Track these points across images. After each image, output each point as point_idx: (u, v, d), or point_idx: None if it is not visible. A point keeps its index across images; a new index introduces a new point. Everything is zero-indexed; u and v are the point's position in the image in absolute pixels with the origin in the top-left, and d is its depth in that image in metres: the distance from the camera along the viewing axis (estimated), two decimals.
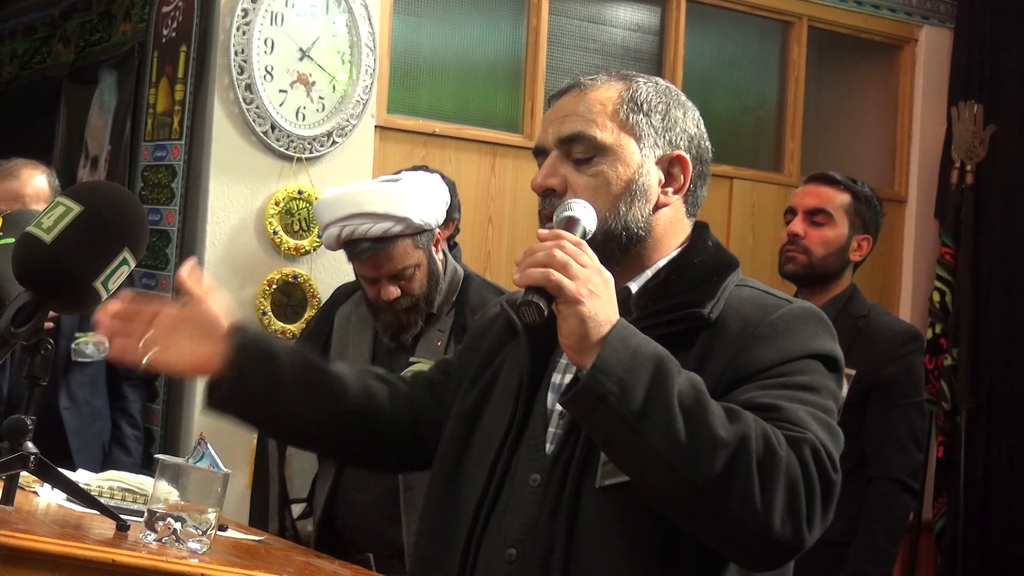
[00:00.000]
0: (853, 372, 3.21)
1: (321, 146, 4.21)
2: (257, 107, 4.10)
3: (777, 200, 5.14)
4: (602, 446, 1.64)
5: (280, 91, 4.14)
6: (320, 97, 4.20)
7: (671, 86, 1.87)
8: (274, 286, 4.13)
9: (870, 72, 5.73)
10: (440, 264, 3.12)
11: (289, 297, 4.16)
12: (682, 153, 1.81)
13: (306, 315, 4.11)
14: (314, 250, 4.17)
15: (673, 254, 1.82)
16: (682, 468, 1.55)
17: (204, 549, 1.73)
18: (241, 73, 4.08)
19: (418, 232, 3.02)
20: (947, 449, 5.27)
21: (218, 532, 1.82)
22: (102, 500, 1.91)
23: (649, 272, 1.81)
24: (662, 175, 1.81)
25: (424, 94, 4.76)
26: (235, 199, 4.11)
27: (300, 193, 4.15)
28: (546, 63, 4.86)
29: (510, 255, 4.71)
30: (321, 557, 2.17)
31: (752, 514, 1.54)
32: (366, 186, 3.14)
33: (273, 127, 4.12)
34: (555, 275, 1.60)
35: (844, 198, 3.35)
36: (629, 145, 1.78)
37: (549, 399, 1.79)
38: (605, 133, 1.78)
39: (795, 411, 1.62)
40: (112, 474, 2.34)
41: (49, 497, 2.01)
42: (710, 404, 1.58)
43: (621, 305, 1.68)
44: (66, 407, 3.81)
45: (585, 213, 1.73)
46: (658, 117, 1.81)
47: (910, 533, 4.94)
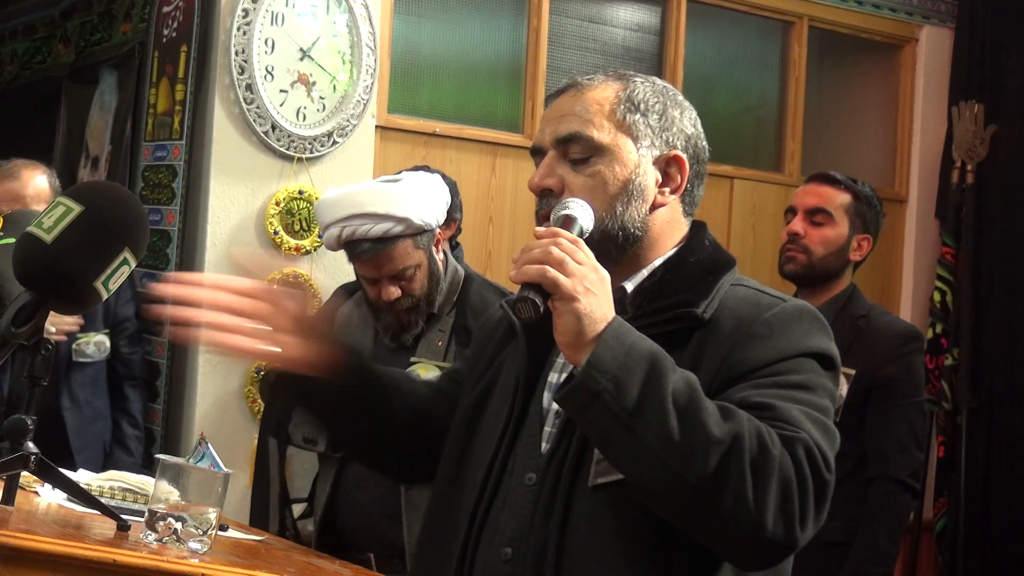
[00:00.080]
0: (853, 372, 3.21)
1: (322, 146, 4.21)
2: (258, 107, 4.10)
3: (778, 200, 5.14)
4: (597, 444, 1.65)
5: (281, 91, 4.14)
6: (321, 97, 4.19)
7: (668, 86, 1.86)
8: (275, 286, 4.13)
9: (871, 72, 5.73)
10: (441, 264, 3.12)
11: None
12: (679, 153, 1.81)
13: None
14: (315, 250, 4.17)
15: (669, 253, 1.82)
16: (675, 466, 1.55)
17: (205, 549, 1.73)
18: (242, 73, 4.08)
19: (419, 232, 3.02)
20: (948, 449, 5.27)
21: (219, 532, 1.82)
22: (103, 500, 1.91)
23: (645, 271, 1.81)
24: (659, 175, 1.80)
25: (425, 94, 4.76)
26: (236, 199, 4.11)
27: (301, 193, 4.15)
28: (547, 63, 4.86)
29: (511, 255, 4.67)
30: (322, 557, 2.16)
31: (745, 513, 1.54)
32: (367, 186, 3.13)
33: (274, 127, 4.12)
34: (551, 272, 1.60)
35: (844, 198, 3.34)
36: (626, 145, 1.78)
37: (545, 398, 1.79)
38: (602, 133, 1.78)
39: (789, 410, 1.62)
40: (113, 474, 2.34)
41: (50, 497, 2.01)
42: (704, 402, 1.58)
43: (617, 304, 1.68)
44: (67, 407, 3.81)
45: (582, 212, 1.73)
46: (655, 117, 1.80)
47: (911, 533, 4.94)
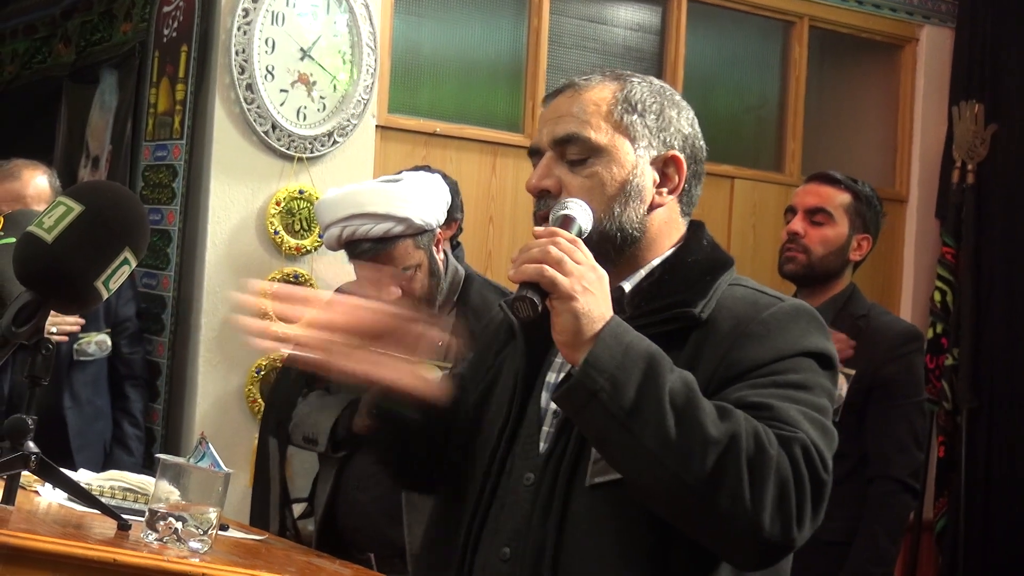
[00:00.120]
0: (853, 372, 3.21)
1: (322, 146, 4.21)
2: (258, 107, 4.10)
3: (778, 200, 5.14)
4: (594, 443, 1.65)
5: (281, 91, 4.14)
6: (321, 97, 4.19)
7: (665, 85, 1.86)
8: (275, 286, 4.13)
9: (871, 72, 5.73)
10: (441, 264, 3.12)
11: None
12: (676, 153, 1.81)
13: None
14: (315, 250, 4.17)
15: (667, 253, 1.82)
16: (672, 465, 1.55)
17: (205, 549, 1.73)
18: (242, 73, 4.08)
19: (419, 232, 3.02)
20: (948, 449, 5.27)
21: (219, 532, 1.82)
22: (103, 500, 1.91)
23: (643, 271, 1.81)
24: (656, 175, 1.80)
25: (425, 94, 4.76)
26: (236, 199, 4.11)
27: (301, 193, 4.15)
28: (547, 63, 4.86)
29: (511, 255, 4.65)
30: (322, 557, 2.17)
31: (742, 512, 1.55)
32: (367, 186, 3.13)
33: (274, 127, 4.12)
34: (549, 271, 1.61)
35: (844, 197, 3.34)
36: (623, 146, 1.78)
37: (544, 398, 1.80)
38: (599, 134, 1.77)
39: (786, 410, 1.62)
40: (113, 474, 2.34)
41: (50, 497, 2.01)
42: (701, 402, 1.58)
43: (615, 304, 1.68)
44: (69, 406, 3.82)
45: (581, 212, 1.73)
46: (652, 117, 1.80)
47: (911, 533, 4.94)
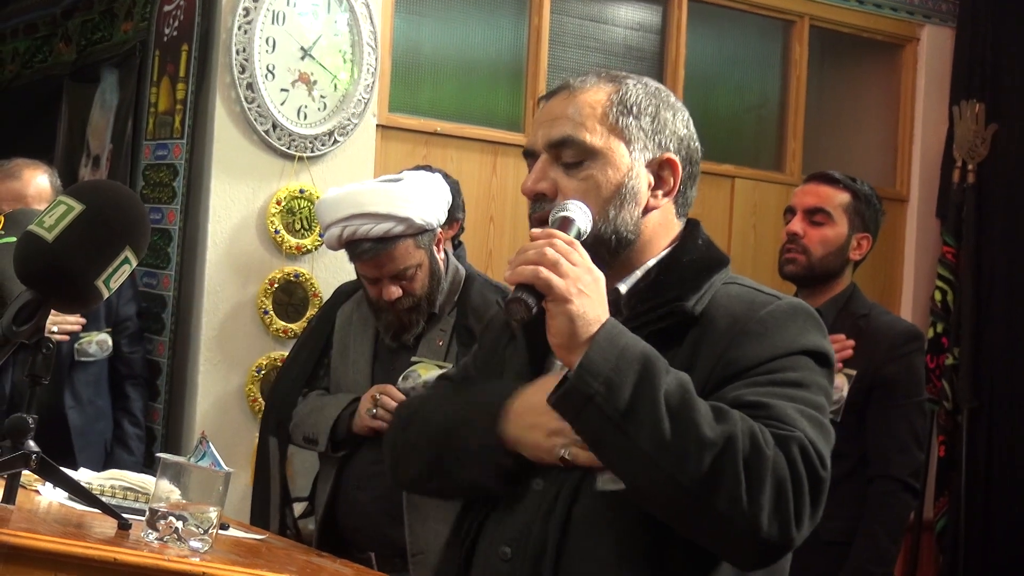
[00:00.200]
0: (854, 372, 3.21)
1: (323, 145, 4.21)
2: (259, 106, 4.10)
3: (779, 199, 5.14)
4: (591, 446, 1.64)
5: (282, 90, 4.14)
6: (322, 96, 4.19)
7: (660, 87, 1.85)
8: (276, 285, 4.13)
9: (872, 71, 5.73)
10: (442, 264, 3.12)
11: (290, 296, 4.16)
12: (672, 156, 1.80)
13: (307, 314, 4.11)
14: (315, 249, 4.17)
15: (662, 254, 1.81)
16: (668, 467, 1.55)
17: (206, 548, 1.73)
18: (243, 72, 4.08)
19: (420, 232, 3.02)
20: (948, 448, 5.27)
21: (220, 531, 1.82)
22: (104, 499, 1.91)
23: (639, 272, 1.80)
24: (651, 178, 1.79)
25: (426, 93, 4.76)
26: (236, 198, 4.11)
27: (302, 192, 4.15)
28: (548, 62, 4.86)
29: (512, 254, 4.68)
30: (323, 556, 2.17)
31: (739, 513, 1.54)
32: (368, 186, 3.13)
33: (275, 126, 4.12)
34: (544, 273, 1.61)
35: (843, 197, 3.33)
36: (619, 149, 1.77)
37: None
38: (595, 137, 1.76)
39: (784, 408, 1.62)
40: (114, 473, 2.34)
41: (51, 496, 2.01)
42: (697, 403, 1.58)
43: (612, 306, 1.68)
44: (71, 406, 3.82)
45: (580, 214, 1.73)
46: (647, 119, 1.79)
47: (911, 532, 4.94)
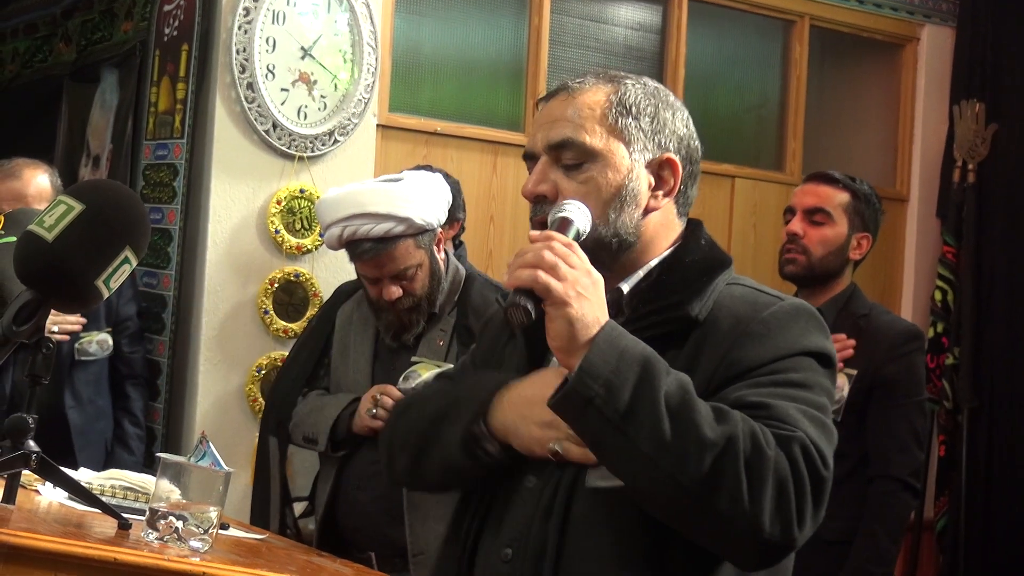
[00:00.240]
0: (855, 372, 3.21)
1: (323, 145, 4.21)
2: (259, 106, 4.10)
3: (779, 199, 5.14)
4: (591, 448, 1.64)
5: (282, 90, 4.14)
6: (322, 96, 4.19)
7: (660, 86, 1.84)
8: (276, 285, 4.13)
9: (872, 71, 5.73)
10: (442, 264, 3.12)
11: (291, 296, 4.16)
12: (672, 156, 1.79)
13: (308, 314, 4.11)
14: (316, 249, 4.17)
15: (665, 254, 1.81)
16: (669, 468, 1.55)
17: (206, 548, 1.73)
18: (243, 72, 4.08)
19: (420, 232, 3.02)
20: (949, 448, 5.27)
21: (220, 530, 1.82)
22: (104, 499, 1.91)
23: (641, 272, 1.80)
24: (652, 179, 1.79)
25: (426, 93, 4.76)
26: (237, 198, 4.11)
27: (302, 192, 4.15)
28: (548, 62, 4.86)
29: (512, 254, 4.67)
30: (323, 556, 2.17)
31: (741, 514, 1.54)
32: (368, 186, 3.13)
33: (275, 126, 4.12)
34: (543, 276, 1.60)
35: (843, 197, 3.33)
36: (619, 150, 1.76)
37: None
38: (594, 138, 1.76)
39: (785, 409, 1.62)
40: (114, 472, 2.34)
41: (51, 496, 2.01)
42: (697, 405, 1.58)
43: (613, 306, 1.67)
44: (71, 406, 3.82)
45: (579, 214, 1.72)
46: (647, 120, 1.78)
47: (911, 532, 4.94)
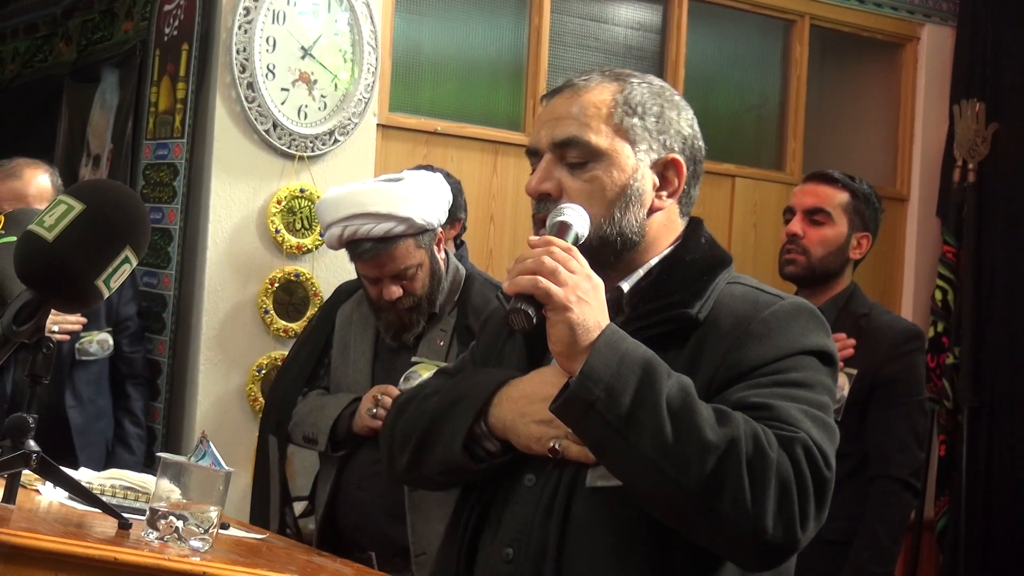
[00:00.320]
0: (855, 372, 3.21)
1: (323, 144, 4.21)
2: (259, 105, 4.10)
3: (779, 199, 5.14)
4: (593, 451, 1.64)
5: (282, 89, 4.14)
6: (322, 95, 4.19)
7: (665, 85, 1.84)
8: (276, 284, 4.13)
9: (872, 70, 5.73)
10: (442, 263, 3.12)
11: (291, 295, 4.16)
12: (676, 156, 1.79)
13: (308, 313, 4.11)
14: (316, 248, 4.17)
15: (665, 252, 1.81)
16: (671, 471, 1.55)
17: (206, 547, 1.73)
18: (243, 71, 4.08)
19: (420, 232, 3.02)
20: (949, 448, 5.27)
21: (220, 530, 1.82)
22: (104, 498, 1.91)
23: (641, 271, 1.80)
24: (656, 179, 1.79)
25: (426, 92, 4.76)
26: (237, 197, 4.11)
27: (302, 191, 4.15)
28: (548, 61, 4.86)
29: (512, 253, 4.70)
30: (323, 555, 2.17)
31: (743, 516, 1.54)
32: (368, 186, 3.13)
33: (275, 125, 4.12)
34: (543, 282, 1.60)
35: (842, 196, 3.33)
36: (624, 149, 1.76)
37: None
38: (600, 137, 1.76)
39: (787, 409, 1.62)
40: (114, 472, 2.34)
41: (51, 495, 2.01)
42: (699, 407, 1.58)
43: (614, 305, 1.67)
44: (72, 405, 3.82)
45: (578, 218, 1.72)
46: (652, 120, 1.78)
47: (912, 532, 4.94)
